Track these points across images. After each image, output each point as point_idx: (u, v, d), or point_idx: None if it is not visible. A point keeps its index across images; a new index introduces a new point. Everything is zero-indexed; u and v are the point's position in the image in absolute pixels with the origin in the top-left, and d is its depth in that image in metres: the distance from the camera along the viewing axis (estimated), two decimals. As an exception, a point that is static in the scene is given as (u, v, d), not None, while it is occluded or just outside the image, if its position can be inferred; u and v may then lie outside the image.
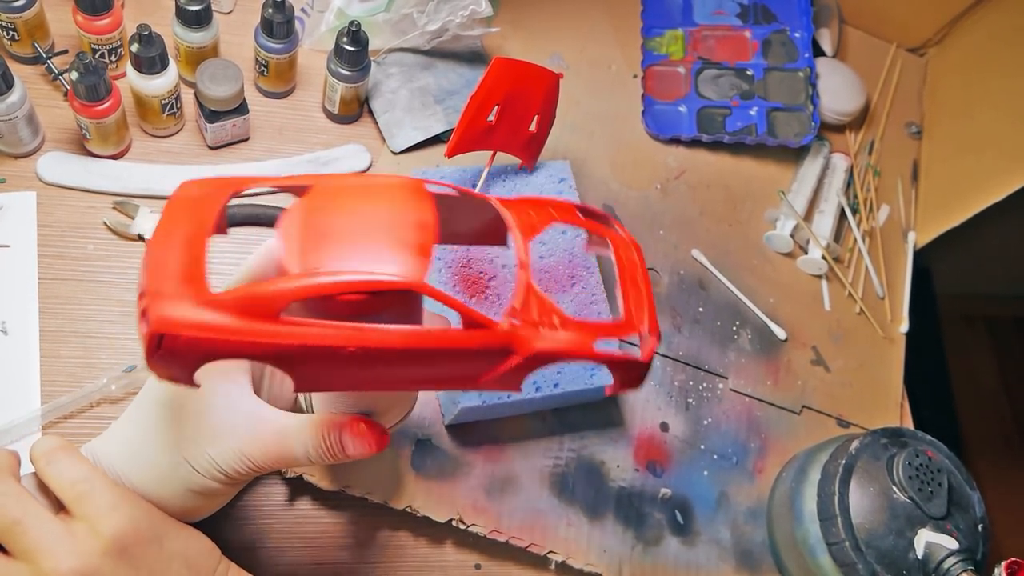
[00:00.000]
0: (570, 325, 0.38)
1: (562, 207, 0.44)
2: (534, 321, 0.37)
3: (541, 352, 0.37)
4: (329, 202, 0.36)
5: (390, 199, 0.37)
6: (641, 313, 0.42)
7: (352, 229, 0.35)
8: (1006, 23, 0.86)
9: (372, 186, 0.38)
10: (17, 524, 0.39)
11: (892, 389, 0.76)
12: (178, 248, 0.34)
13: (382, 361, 0.35)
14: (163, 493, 0.42)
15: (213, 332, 0.32)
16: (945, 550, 0.55)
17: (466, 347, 0.36)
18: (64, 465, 0.41)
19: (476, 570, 0.59)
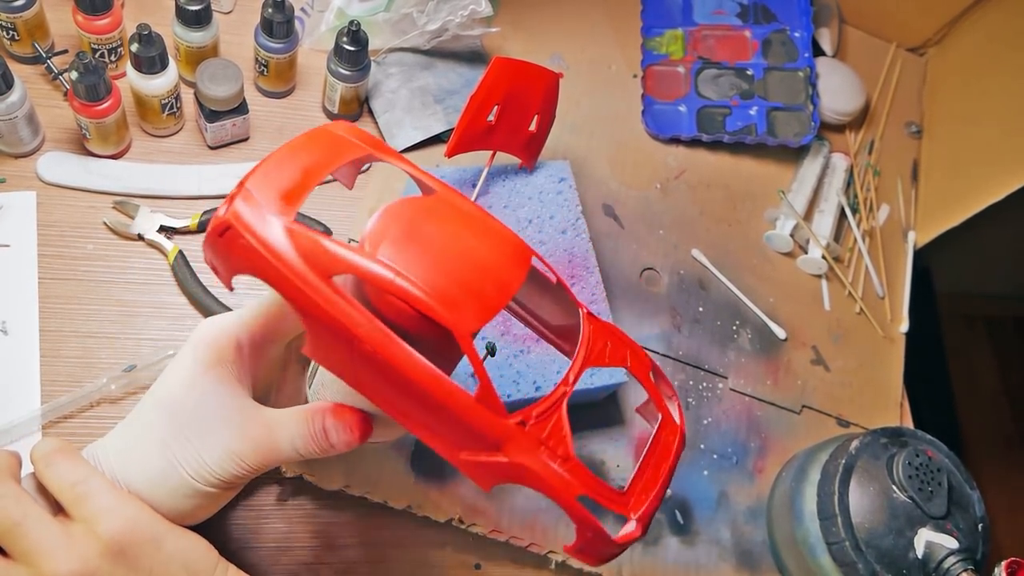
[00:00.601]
0: (570, 465, 0.37)
1: (639, 358, 0.42)
2: (540, 439, 0.36)
3: (525, 468, 0.36)
4: (440, 214, 0.36)
5: (493, 246, 0.37)
6: (643, 498, 0.40)
7: (442, 249, 0.35)
8: (1006, 23, 0.86)
9: (487, 226, 0.38)
10: (17, 526, 0.39)
11: (892, 389, 0.76)
12: (294, 168, 0.35)
13: (387, 378, 0.34)
14: (159, 496, 0.42)
15: (270, 254, 0.33)
16: (945, 550, 0.55)
17: (465, 417, 0.34)
18: (63, 467, 0.41)
19: (476, 570, 0.59)
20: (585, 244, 0.63)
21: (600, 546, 0.38)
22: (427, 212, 0.36)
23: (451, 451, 0.36)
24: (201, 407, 0.42)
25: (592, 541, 0.38)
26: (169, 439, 0.42)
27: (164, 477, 0.42)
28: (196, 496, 0.42)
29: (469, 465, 0.36)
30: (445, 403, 0.34)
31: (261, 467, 0.42)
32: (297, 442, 0.41)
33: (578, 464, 0.37)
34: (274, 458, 0.42)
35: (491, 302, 0.35)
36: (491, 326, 0.59)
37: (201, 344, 0.43)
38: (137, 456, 0.43)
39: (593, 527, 0.38)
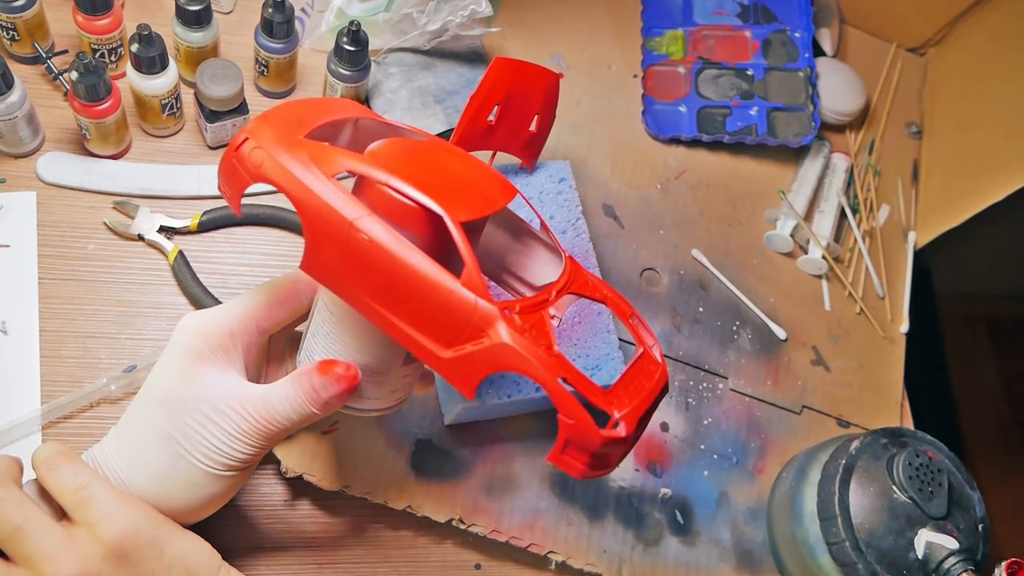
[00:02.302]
0: (552, 353, 0.37)
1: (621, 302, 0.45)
2: (520, 327, 0.37)
3: (508, 349, 0.36)
4: (433, 148, 0.43)
5: (480, 173, 0.41)
6: (627, 401, 0.39)
7: (433, 166, 0.40)
8: (1006, 24, 0.86)
9: (475, 162, 0.44)
10: (19, 530, 0.39)
11: (892, 389, 0.76)
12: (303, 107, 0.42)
13: (377, 271, 0.36)
14: (165, 492, 0.43)
15: (282, 156, 0.37)
16: (945, 550, 0.55)
17: (451, 300, 0.36)
18: (65, 471, 0.42)
19: (476, 570, 0.59)
20: (585, 244, 0.63)
21: (584, 439, 0.37)
22: (422, 146, 0.43)
23: (436, 353, 0.37)
24: (200, 395, 0.42)
25: (576, 434, 0.37)
26: (172, 432, 0.42)
27: (172, 470, 0.42)
28: (210, 483, 0.43)
29: (454, 365, 0.37)
30: (434, 287, 0.36)
31: (265, 441, 0.43)
32: (291, 408, 0.42)
33: (561, 355, 0.37)
34: (275, 429, 0.42)
35: (478, 205, 0.38)
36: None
37: (192, 335, 0.43)
38: (140, 455, 0.43)
39: (577, 411, 0.37)
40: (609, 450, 0.38)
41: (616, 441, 0.38)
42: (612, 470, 0.40)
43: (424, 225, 0.38)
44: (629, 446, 0.40)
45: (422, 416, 0.60)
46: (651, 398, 0.41)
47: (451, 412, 0.58)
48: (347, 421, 0.58)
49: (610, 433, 0.38)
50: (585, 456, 0.38)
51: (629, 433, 0.38)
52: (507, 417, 0.62)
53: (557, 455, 0.38)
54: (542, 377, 0.36)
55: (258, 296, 0.45)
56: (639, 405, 0.40)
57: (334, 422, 0.57)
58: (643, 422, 0.41)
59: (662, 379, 0.43)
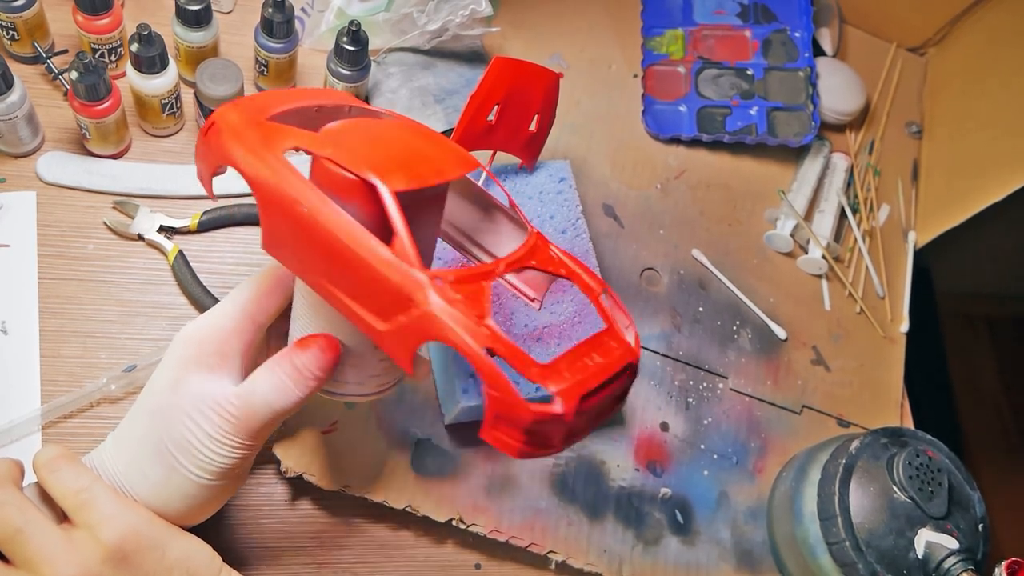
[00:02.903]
0: (484, 324, 0.35)
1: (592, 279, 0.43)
2: (451, 297, 0.35)
3: (433, 318, 0.35)
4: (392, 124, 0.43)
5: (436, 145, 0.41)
6: (570, 376, 0.36)
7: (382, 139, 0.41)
8: (1006, 23, 0.86)
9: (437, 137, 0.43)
10: (19, 533, 0.39)
11: (892, 389, 0.76)
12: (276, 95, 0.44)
13: (319, 244, 0.37)
14: (162, 499, 0.43)
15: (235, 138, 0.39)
16: (945, 550, 0.55)
17: (383, 270, 0.35)
18: (66, 474, 0.42)
19: (476, 570, 0.59)
20: (585, 244, 0.63)
21: (513, 414, 0.34)
22: (381, 123, 0.43)
23: (375, 325, 0.37)
24: (187, 402, 0.42)
25: (504, 408, 0.35)
26: (165, 442, 0.42)
27: (167, 480, 0.42)
28: (203, 491, 0.43)
29: (390, 337, 0.37)
30: (366, 257, 0.36)
31: (249, 439, 0.42)
32: (271, 396, 0.41)
33: (493, 327, 0.35)
34: (256, 423, 0.41)
35: (422, 175, 0.38)
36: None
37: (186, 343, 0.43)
38: (137, 468, 0.43)
39: (501, 383, 0.34)
40: (546, 428, 0.35)
41: (552, 419, 0.35)
42: (556, 451, 0.37)
43: (366, 198, 0.37)
44: (576, 426, 0.36)
45: (422, 416, 0.60)
46: (602, 376, 0.38)
47: (451, 412, 0.58)
48: (347, 421, 0.58)
49: (541, 408, 0.35)
50: (518, 433, 0.35)
51: (568, 410, 0.35)
52: (507, 417, 0.62)
53: (488, 430, 0.36)
54: (465, 346, 0.35)
55: (246, 291, 0.45)
56: (583, 381, 0.36)
57: (334, 421, 0.57)
58: (597, 402, 0.37)
59: (624, 359, 0.39)
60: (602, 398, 0.38)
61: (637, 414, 0.66)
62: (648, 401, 0.67)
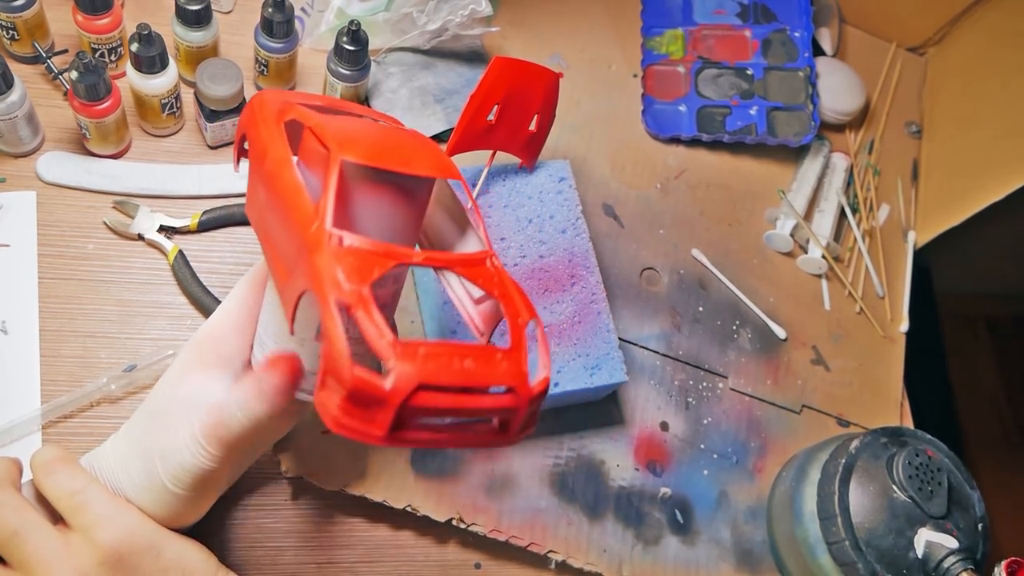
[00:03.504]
0: (355, 286, 0.33)
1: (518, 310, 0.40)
2: (341, 255, 0.34)
3: (312, 266, 0.34)
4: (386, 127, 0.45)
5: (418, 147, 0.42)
6: (416, 360, 0.32)
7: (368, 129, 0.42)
8: (1006, 23, 0.86)
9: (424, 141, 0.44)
10: (15, 535, 0.39)
11: (892, 388, 0.76)
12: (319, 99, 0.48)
13: (271, 195, 0.39)
14: (149, 501, 0.43)
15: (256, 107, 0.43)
16: (945, 549, 0.55)
17: (294, 213, 0.37)
18: (62, 476, 0.42)
19: (476, 569, 0.59)
20: (585, 244, 0.63)
21: (336, 370, 0.32)
22: (388, 126, 0.45)
23: (281, 277, 0.38)
24: (180, 406, 0.42)
25: (329, 363, 0.32)
26: (152, 447, 0.42)
27: (148, 483, 0.42)
28: (175, 500, 0.42)
29: (286, 289, 0.37)
30: (290, 206, 0.37)
31: (220, 448, 0.41)
32: (250, 406, 0.40)
33: (364, 295, 0.33)
34: (226, 433, 0.41)
35: (381, 156, 0.38)
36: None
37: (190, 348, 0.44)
38: (124, 466, 0.43)
39: (334, 338, 0.32)
40: (370, 404, 0.32)
41: (376, 393, 0.31)
42: (378, 440, 0.32)
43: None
44: (404, 417, 0.32)
45: (422, 416, 0.60)
46: (460, 379, 0.33)
47: (451, 412, 0.58)
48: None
49: (365, 375, 0.31)
50: (340, 399, 0.32)
51: (395, 390, 0.31)
52: (507, 417, 0.62)
53: (318, 391, 0.33)
54: (321, 295, 0.33)
55: (241, 289, 0.45)
56: (433, 373, 0.32)
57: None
58: (440, 406, 0.33)
59: (504, 379, 0.35)
60: (454, 408, 0.33)
61: (637, 414, 0.66)
62: (648, 401, 0.67)
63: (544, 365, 0.38)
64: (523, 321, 0.39)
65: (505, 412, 0.36)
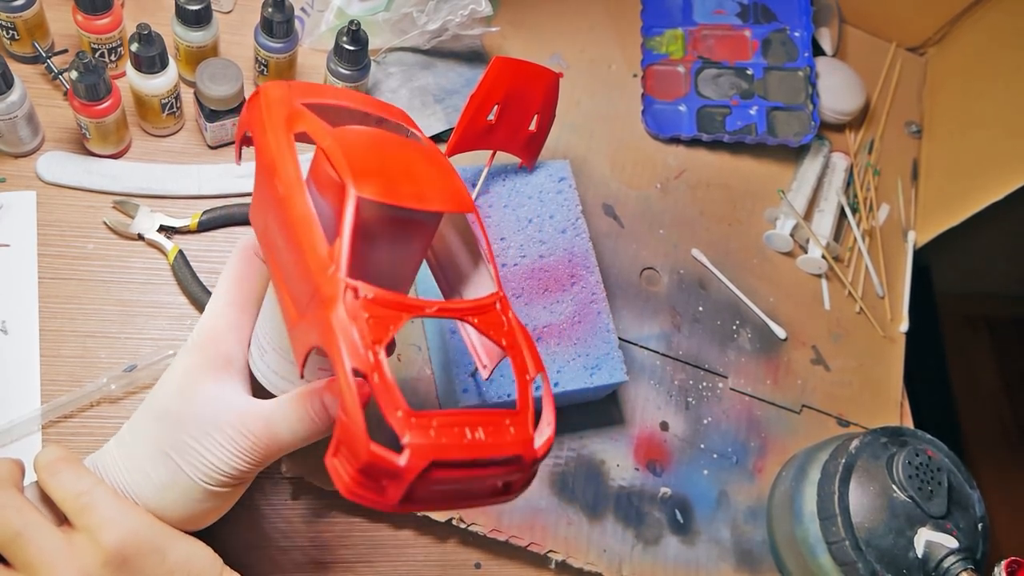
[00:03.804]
0: (369, 348, 0.33)
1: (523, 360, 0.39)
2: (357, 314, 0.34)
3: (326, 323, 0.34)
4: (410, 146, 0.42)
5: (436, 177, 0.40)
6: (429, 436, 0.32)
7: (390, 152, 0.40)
8: (1006, 23, 0.86)
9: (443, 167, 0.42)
10: (18, 536, 0.39)
11: (892, 388, 0.76)
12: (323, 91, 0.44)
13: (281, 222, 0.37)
14: (164, 503, 0.42)
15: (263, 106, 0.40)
16: (945, 549, 0.55)
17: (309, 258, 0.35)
18: (67, 476, 0.41)
19: (476, 569, 0.59)
20: (585, 244, 0.63)
21: (352, 445, 0.32)
22: (401, 140, 0.41)
23: (292, 315, 0.37)
24: (198, 411, 0.42)
25: (345, 435, 0.32)
26: (169, 448, 0.42)
27: (172, 483, 0.42)
28: (207, 498, 0.43)
29: (297, 330, 0.36)
30: (303, 247, 0.35)
31: (265, 460, 0.42)
32: (296, 427, 0.41)
33: (380, 359, 0.33)
34: (276, 448, 0.42)
35: (399, 192, 0.36)
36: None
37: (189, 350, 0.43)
38: (140, 469, 0.43)
39: (352, 409, 0.32)
40: (384, 477, 0.32)
41: (391, 469, 0.32)
42: (391, 508, 0.33)
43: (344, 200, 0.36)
44: (419, 491, 0.33)
45: (422, 415, 0.60)
46: (470, 453, 0.33)
47: (451, 411, 0.58)
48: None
49: (382, 453, 0.32)
50: (353, 470, 0.32)
51: (410, 468, 0.32)
52: (507, 416, 0.62)
53: (330, 456, 0.33)
54: (337, 359, 0.33)
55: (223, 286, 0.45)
56: (445, 448, 0.32)
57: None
58: (454, 478, 0.33)
59: (512, 449, 0.35)
60: (464, 477, 0.34)
61: (637, 414, 0.66)
62: (648, 401, 0.67)
63: (549, 422, 0.38)
64: (530, 377, 0.39)
65: (517, 477, 0.36)
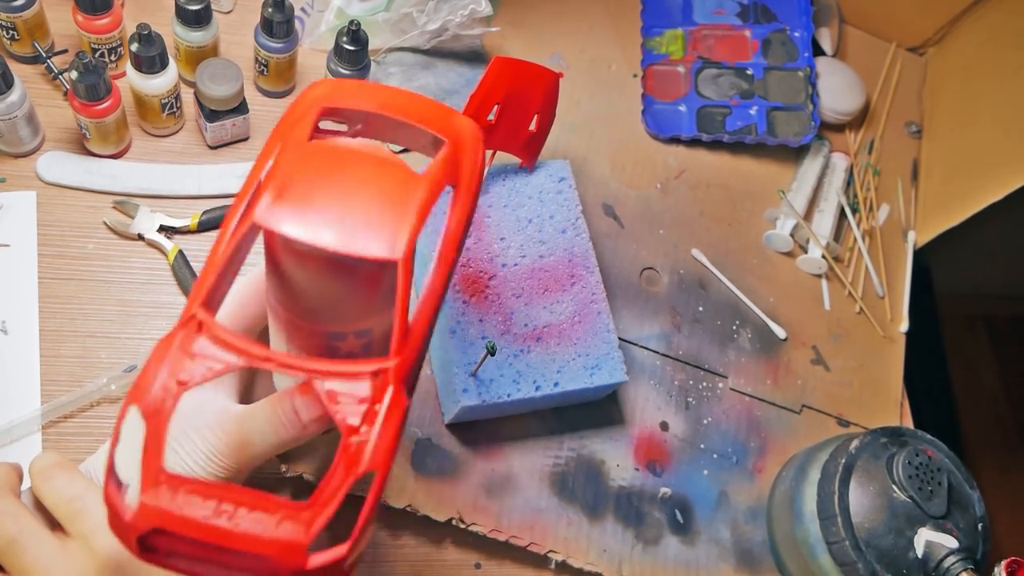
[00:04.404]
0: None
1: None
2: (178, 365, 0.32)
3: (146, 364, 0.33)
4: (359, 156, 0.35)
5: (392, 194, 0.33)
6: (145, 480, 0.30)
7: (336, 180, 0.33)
8: (1006, 23, 0.86)
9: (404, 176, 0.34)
10: (13, 542, 0.39)
11: (892, 388, 0.76)
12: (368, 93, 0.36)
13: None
14: None
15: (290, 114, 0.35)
16: (945, 549, 0.55)
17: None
18: (60, 482, 0.41)
19: (476, 569, 0.59)
20: (585, 244, 0.63)
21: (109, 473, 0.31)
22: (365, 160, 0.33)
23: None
24: (179, 413, 0.41)
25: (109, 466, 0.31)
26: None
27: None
28: None
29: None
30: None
31: (240, 463, 0.41)
32: (266, 429, 0.40)
33: (164, 407, 0.32)
34: (247, 453, 0.41)
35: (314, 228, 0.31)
36: (492, 325, 0.59)
37: None
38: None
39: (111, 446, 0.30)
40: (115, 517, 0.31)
41: (119, 518, 0.30)
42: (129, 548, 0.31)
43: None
44: (159, 545, 0.30)
45: (422, 415, 0.60)
46: (204, 532, 0.30)
47: (451, 411, 0.58)
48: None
49: (112, 498, 0.30)
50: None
51: (134, 527, 0.30)
52: (507, 417, 0.62)
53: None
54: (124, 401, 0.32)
55: (231, 299, 0.44)
56: (178, 519, 0.30)
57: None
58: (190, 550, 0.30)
59: (263, 548, 0.29)
60: (201, 556, 0.30)
61: (637, 414, 0.66)
62: (648, 401, 0.67)
63: (352, 536, 0.30)
64: (359, 472, 0.32)
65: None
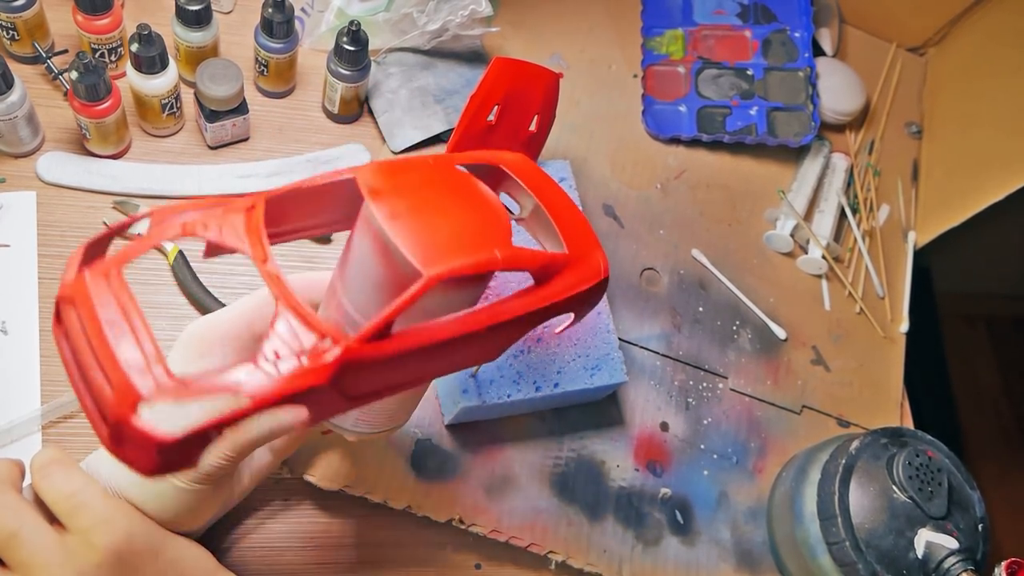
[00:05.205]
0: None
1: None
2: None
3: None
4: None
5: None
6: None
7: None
8: (1006, 23, 0.86)
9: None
10: (13, 537, 0.39)
11: (892, 389, 0.76)
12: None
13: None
14: (145, 502, 0.42)
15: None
16: (945, 550, 0.55)
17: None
18: (59, 478, 0.41)
19: (476, 570, 0.59)
20: (585, 244, 0.63)
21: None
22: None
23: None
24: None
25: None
26: None
27: (144, 480, 0.42)
28: (181, 496, 0.42)
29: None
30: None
31: (232, 450, 0.41)
32: (263, 418, 0.39)
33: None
34: (244, 438, 0.40)
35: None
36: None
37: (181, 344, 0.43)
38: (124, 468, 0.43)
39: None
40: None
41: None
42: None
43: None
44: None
45: (422, 416, 0.60)
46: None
47: (451, 412, 0.58)
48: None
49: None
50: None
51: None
52: (507, 417, 0.62)
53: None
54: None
55: (252, 298, 0.44)
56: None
57: (334, 422, 0.57)
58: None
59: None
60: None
61: (637, 414, 0.66)
62: (648, 401, 0.67)
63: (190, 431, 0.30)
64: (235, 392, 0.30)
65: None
